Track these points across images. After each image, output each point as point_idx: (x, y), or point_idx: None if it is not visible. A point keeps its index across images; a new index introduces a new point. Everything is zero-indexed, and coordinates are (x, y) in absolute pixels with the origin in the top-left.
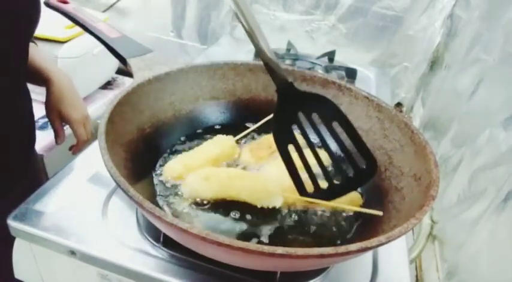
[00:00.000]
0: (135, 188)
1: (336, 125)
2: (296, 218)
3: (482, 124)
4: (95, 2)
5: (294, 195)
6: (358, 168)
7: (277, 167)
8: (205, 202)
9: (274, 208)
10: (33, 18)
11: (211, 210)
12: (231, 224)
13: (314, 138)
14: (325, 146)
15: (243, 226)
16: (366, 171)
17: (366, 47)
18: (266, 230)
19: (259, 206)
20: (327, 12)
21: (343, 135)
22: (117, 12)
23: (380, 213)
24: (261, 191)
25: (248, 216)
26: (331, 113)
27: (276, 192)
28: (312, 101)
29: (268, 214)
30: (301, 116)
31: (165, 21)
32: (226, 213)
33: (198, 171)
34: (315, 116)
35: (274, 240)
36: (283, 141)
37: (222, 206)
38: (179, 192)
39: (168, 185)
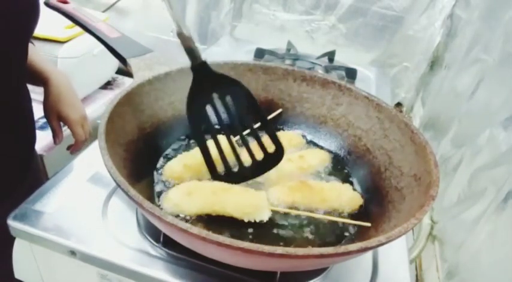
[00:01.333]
0: (135, 188)
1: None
2: (296, 217)
3: (482, 124)
4: (95, 2)
5: (282, 209)
6: (267, 152)
7: (275, 169)
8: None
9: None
10: (32, 18)
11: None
12: (230, 225)
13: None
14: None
15: (242, 226)
16: (275, 156)
17: (366, 47)
18: (265, 230)
19: (246, 221)
20: (327, 12)
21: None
22: (117, 12)
23: (368, 224)
24: (247, 205)
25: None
26: (243, 98)
27: (263, 206)
28: (225, 83)
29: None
30: (215, 97)
31: (165, 21)
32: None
33: (180, 185)
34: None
35: (273, 239)
36: (198, 121)
37: None
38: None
39: (168, 185)
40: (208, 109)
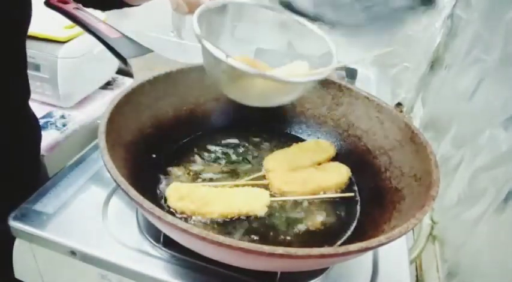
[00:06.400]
0: (135, 188)
1: None
2: (295, 218)
3: (482, 124)
4: None
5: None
6: None
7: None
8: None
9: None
10: (24, 16)
11: None
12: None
13: None
14: None
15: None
16: None
17: (366, 47)
18: (264, 230)
19: (245, 212)
20: None
21: None
22: (117, 12)
23: (351, 194)
24: (240, 206)
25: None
26: None
27: (259, 206)
28: None
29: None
30: None
31: (165, 21)
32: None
33: (173, 187)
34: None
35: (273, 240)
36: None
37: None
38: None
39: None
40: None
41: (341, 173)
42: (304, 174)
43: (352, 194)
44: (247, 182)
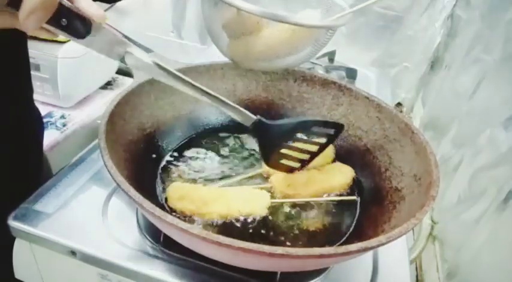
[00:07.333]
0: (135, 188)
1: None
2: (295, 218)
3: (482, 124)
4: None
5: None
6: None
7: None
8: None
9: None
10: None
11: None
12: (231, 225)
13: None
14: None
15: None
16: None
17: (366, 47)
18: (264, 231)
19: (245, 214)
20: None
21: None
22: (117, 12)
23: (354, 197)
24: (240, 207)
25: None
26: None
27: (260, 207)
28: (285, 128)
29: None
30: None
31: (165, 21)
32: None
33: (174, 187)
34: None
35: (273, 240)
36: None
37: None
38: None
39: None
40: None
41: (344, 174)
42: (307, 176)
43: (354, 198)
44: (248, 183)
